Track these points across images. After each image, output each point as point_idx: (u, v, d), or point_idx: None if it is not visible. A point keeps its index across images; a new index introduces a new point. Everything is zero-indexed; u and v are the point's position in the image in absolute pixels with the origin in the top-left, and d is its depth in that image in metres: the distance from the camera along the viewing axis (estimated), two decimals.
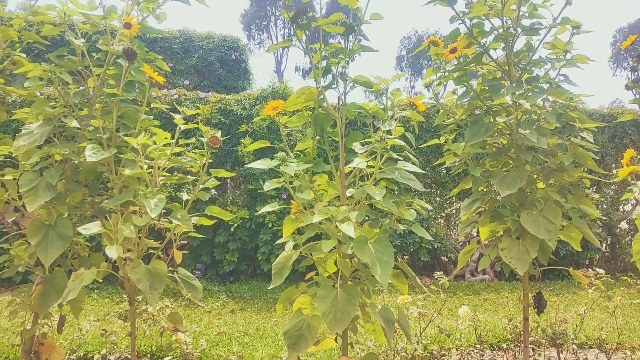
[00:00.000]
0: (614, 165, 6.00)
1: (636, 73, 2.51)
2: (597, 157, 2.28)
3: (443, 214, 6.17)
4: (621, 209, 6.30)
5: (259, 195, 5.43)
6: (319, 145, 1.90)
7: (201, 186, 1.95)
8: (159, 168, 1.88)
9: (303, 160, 1.77)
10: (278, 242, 1.82)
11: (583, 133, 2.19)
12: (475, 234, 5.93)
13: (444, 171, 5.76)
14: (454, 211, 6.17)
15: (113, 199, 1.84)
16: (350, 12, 1.91)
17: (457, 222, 6.18)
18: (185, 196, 1.95)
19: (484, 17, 2.20)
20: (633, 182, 2.45)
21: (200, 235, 2.16)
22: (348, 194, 1.81)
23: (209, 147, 1.84)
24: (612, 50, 41.81)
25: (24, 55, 2.09)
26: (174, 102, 5.32)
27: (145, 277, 1.72)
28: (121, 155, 1.88)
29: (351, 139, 1.88)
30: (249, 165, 1.65)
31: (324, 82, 1.88)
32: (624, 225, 6.34)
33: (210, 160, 1.93)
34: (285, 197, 5.19)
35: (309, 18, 1.81)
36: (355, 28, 1.83)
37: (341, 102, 1.87)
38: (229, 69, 8.27)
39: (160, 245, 1.93)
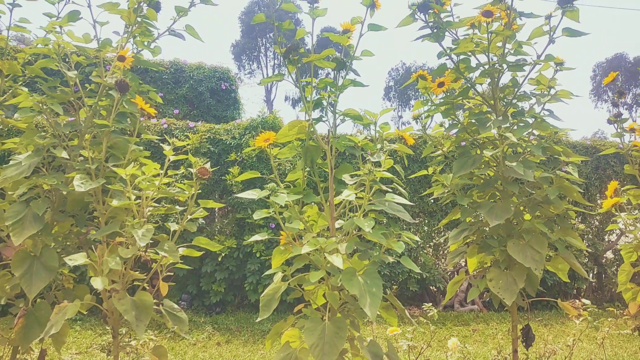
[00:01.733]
0: (598, 195, 6.10)
1: (617, 108, 2.59)
2: (581, 190, 2.32)
3: (431, 244, 6.18)
4: (606, 239, 6.37)
5: (247, 224, 5.40)
6: (309, 176, 1.91)
7: (189, 217, 1.93)
8: (147, 198, 1.87)
9: (293, 191, 1.78)
10: (267, 273, 1.80)
11: (568, 167, 2.23)
12: (463, 264, 5.93)
13: (432, 201, 5.80)
14: (442, 241, 6.18)
15: (100, 230, 1.82)
16: (342, 47, 1.95)
17: (446, 252, 6.18)
18: (173, 227, 1.93)
19: (470, 53, 2.26)
20: (617, 213, 2.49)
21: (186, 267, 2.14)
22: (337, 225, 1.81)
23: (197, 178, 1.83)
24: (593, 84, 43.10)
25: (25, 89, 2.10)
26: (164, 132, 5.33)
27: (132, 309, 1.68)
28: (109, 186, 1.86)
29: (341, 171, 1.90)
30: (239, 195, 1.65)
31: (315, 115, 1.91)
32: (609, 255, 6.39)
33: (199, 191, 1.92)
34: (273, 226, 5.16)
35: (301, 54, 1.85)
36: (346, 64, 1.87)
37: (331, 135, 1.89)
38: (218, 98, 8.34)
39: (145, 277, 1.90)
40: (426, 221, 6.07)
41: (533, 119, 2.22)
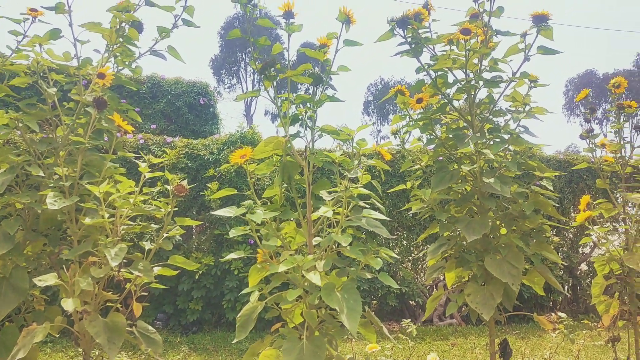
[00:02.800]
0: (571, 208, 6.22)
1: (589, 124, 2.66)
2: (556, 204, 2.36)
3: (410, 258, 6.19)
4: (581, 251, 6.49)
5: (225, 240, 5.33)
6: (287, 192, 1.90)
7: (165, 235, 1.89)
8: (121, 216, 1.82)
9: (270, 208, 1.76)
10: (244, 291, 1.77)
11: (543, 181, 2.28)
12: (442, 278, 5.95)
13: (411, 215, 5.83)
14: (421, 255, 6.21)
15: (72, 250, 1.77)
16: (319, 62, 1.96)
17: (425, 266, 6.20)
18: (147, 245, 1.89)
19: (447, 70, 2.29)
20: (590, 226, 2.55)
21: (162, 286, 2.09)
22: (315, 242, 1.80)
23: (174, 196, 1.80)
24: (565, 99, 44.42)
25: None
26: (140, 147, 5.25)
27: (104, 331, 1.63)
28: (82, 204, 1.82)
29: (319, 187, 1.89)
30: (215, 213, 1.63)
31: (292, 130, 1.90)
32: (584, 267, 6.51)
33: (176, 208, 1.89)
34: (252, 242, 5.11)
35: (278, 69, 1.85)
36: (323, 79, 1.88)
37: (309, 151, 1.89)
38: (197, 113, 8.29)
39: (119, 298, 1.85)
40: (405, 235, 6.09)
41: (509, 135, 2.26)
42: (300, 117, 1.90)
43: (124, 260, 1.70)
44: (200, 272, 5.16)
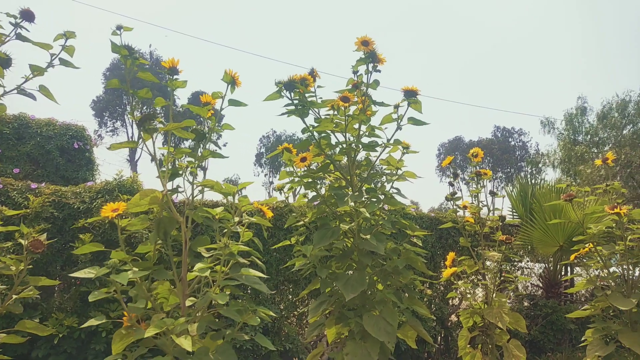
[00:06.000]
0: (442, 263, 6.73)
1: (452, 187, 2.95)
2: (425, 261, 2.53)
3: (296, 313, 6.14)
4: (450, 303, 6.98)
5: None
6: (162, 249, 1.80)
7: (14, 296, 1.66)
8: None
9: (142, 266, 1.64)
10: (106, 359, 1.59)
11: (414, 239, 2.44)
12: (325, 332, 5.97)
13: (298, 269, 5.83)
14: (306, 310, 6.19)
15: None
16: (205, 120, 1.95)
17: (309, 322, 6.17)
18: None
19: (331, 132, 2.42)
20: (455, 282, 2.77)
21: (7, 358, 1.80)
22: (191, 302, 1.71)
23: (29, 252, 1.61)
24: (438, 161, 49.24)
25: None
26: None
27: None
28: None
29: (197, 243, 1.82)
30: (74, 275, 1.47)
31: (173, 183, 1.84)
32: (454, 318, 6.99)
33: (30, 266, 1.68)
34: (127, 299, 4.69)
35: (159, 122, 1.80)
36: (206, 135, 1.86)
37: (187, 206, 1.83)
38: (69, 158, 7.65)
39: None
40: (291, 289, 6.06)
41: (384, 196, 2.41)
42: (180, 171, 1.85)
43: None
44: (61, 335, 4.58)
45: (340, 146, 2.43)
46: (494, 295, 2.85)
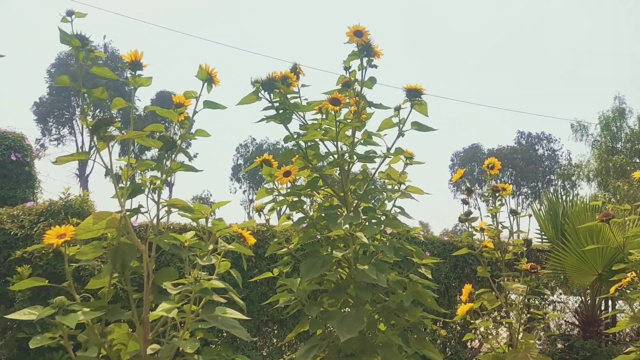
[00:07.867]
0: (457, 297, 6.73)
1: (467, 205, 2.98)
2: (437, 295, 2.54)
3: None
4: (469, 345, 6.97)
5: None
6: (119, 283, 1.80)
7: None
8: None
9: (94, 306, 1.64)
10: None
11: (422, 269, 2.45)
12: None
13: (283, 307, 5.81)
14: (294, 356, 6.15)
15: None
16: (172, 125, 1.96)
17: None
18: None
19: (319, 140, 2.41)
20: (472, 320, 2.78)
21: None
22: (153, 350, 1.70)
23: None
24: (451, 173, 49.44)
25: None
26: None
27: None
28: None
29: (162, 277, 1.82)
30: (10, 317, 1.47)
31: (131, 205, 1.84)
32: None
33: None
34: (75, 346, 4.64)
35: (119, 128, 1.81)
36: (176, 144, 1.88)
37: (152, 231, 1.83)
38: (5, 172, 7.61)
39: None
40: (275, 331, 6.03)
41: (385, 216, 2.42)
42: (143, 187, 1.86)
43: None
44: None
45: (331, 157, 2.42)
46: (520, 336, 2.86)
